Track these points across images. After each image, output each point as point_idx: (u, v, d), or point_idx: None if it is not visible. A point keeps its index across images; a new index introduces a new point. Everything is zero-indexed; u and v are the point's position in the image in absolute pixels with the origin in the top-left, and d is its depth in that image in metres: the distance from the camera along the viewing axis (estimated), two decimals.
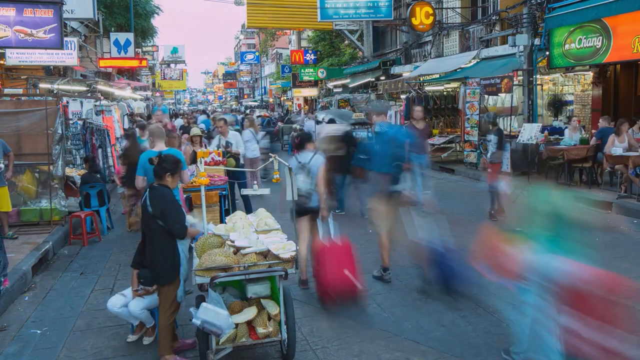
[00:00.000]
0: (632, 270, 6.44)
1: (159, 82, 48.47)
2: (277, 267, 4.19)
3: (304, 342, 4.75)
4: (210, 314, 3.91)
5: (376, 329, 5.00)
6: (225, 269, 4.10)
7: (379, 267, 6.33)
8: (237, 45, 75.38)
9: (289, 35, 46.80)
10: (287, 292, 4.36)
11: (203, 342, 4.10)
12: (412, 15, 17.83)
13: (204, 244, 4.49)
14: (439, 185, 13.12)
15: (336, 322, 5.19)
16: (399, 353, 4.54)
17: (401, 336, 4.85)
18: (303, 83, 33.19)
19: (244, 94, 68.99)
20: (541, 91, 15.06)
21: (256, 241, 4.41)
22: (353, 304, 5.36)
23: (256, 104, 49.35)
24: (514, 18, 14.08)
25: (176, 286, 4.33)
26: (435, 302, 5.60)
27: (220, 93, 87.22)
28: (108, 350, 4.75)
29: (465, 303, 5.52)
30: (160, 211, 4.22)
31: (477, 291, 5.57)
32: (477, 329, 4.95)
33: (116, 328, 5.13)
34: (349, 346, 4.68)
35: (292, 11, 25.15)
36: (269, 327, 4.17)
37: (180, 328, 4.97)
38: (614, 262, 6.73)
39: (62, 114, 9.05)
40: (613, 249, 7.37)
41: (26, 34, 9.99)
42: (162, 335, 4.37)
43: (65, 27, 15.29)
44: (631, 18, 10.68)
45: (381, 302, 5.65)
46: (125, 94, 21.04)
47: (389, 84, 19.93)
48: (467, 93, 14.58)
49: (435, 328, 5.00)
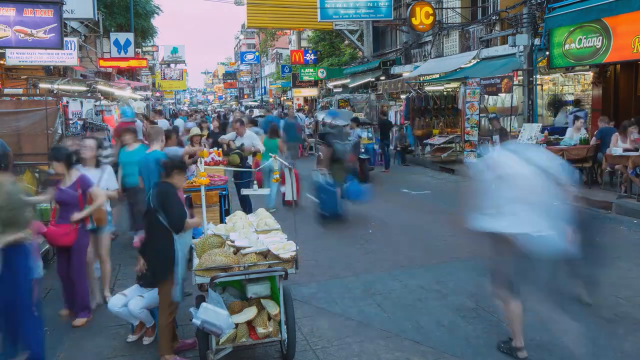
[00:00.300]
0: (632, 270, 6.45)
1: (159, 82, 48.45)
2: (277, 267, 4.19)
3: (304, 342, 4.75)
4: (210, 314, 3.91)
5: (376, 329, 5.00)
6: (225, 269, 4.10)
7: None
8: (237, 45, 75.37)
9: (289, 35, 46.78)
10: (287, 292, 4.36)
11: (203, 342, 4.11)
12: (412, 15, 17.82)
13: (204, 244, 4.49)
14: (439, 185, 13.13)
15: (336, 322, 5.20)
16: (399, 353, 4.54)
17: (401, 336, 4.85)
18: (303, 83, 33.18)
19: (244, 94, 68.96)
20: (541, 91, 15.06)
21: (256, 241, 4.41)
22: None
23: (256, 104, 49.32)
24: (514, 18, 14.08)
25: (171, 285, 4.34)
26: (436, 302, 5.61)
27: (220, 93, 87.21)
28: (108, 350, 4.76)
29: (465, 303, 5.53)
30: (161, 203, 4.25)
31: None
32: (477, 329, 4.95)
33: (116, 328, 5.13)
34: (349, 346, 4.68)
35: (292, 11, 25.13)
36: (269, 327, 4.17)
37: (180, 328, 4.97)
38: (614, 262, 6.73)
39: (62, 114, 9.05)
40: (613, 249, 7.37)
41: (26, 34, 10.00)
42: (161, 335, 4.39)
43: (65, 27, 15.28)
44: (631, 18, 10.68)
45: (381, 302, 5.65)
46: (125, 94, 21.03)
47: (389, 84, 19.92)
48: (467, 93, 14.57)
49: (435, 328, 5.00)
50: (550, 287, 4.40)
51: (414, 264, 6.86)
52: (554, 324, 4.27)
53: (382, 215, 9.69)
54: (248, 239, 4.41)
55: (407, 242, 7.91)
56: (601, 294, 5.39)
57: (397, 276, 6.41)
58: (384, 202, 10.66)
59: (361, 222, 9.18)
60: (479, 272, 6.41)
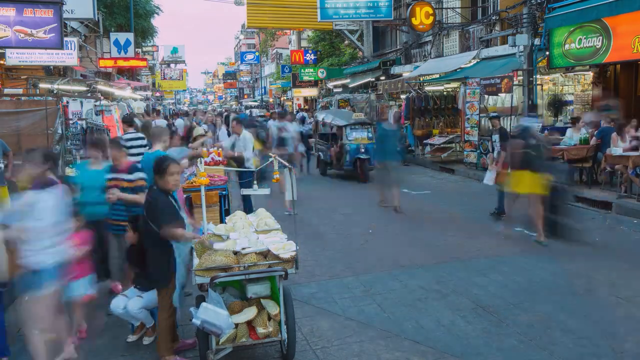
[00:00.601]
0: (632, 270, 6.45)
1: (159, 82, 48.47)
2: (277, 267, 4.19)
3: (304, 342, 4.75)
4: (210, 314, 3.91)
5: (376, 329, 5.00)
6: (225, 269, 4.10)
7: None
8: (237, 45, 75.37)
9: (289, 35, 46.80)
10: (287, 292, 4.36)
11: (203, 342, 4.10)
12: (412, 15, 17.83)
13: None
14: (439, 185, 13.13)
15: (336, 322, 5.20)
16: (399, 353, 4.54)
17: (401, 336, 4.85)
18: (303, 83, 33.19)
19: (244, 94, 68.98)
20: (541, 91, 15.05)
21: (256, 241, 4.41)
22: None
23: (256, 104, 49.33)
24: (514, 18, 14.08)
25: (172, 290, 4.33)
26: (436, 302, 5.61)
27: (220, 93, 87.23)
28: (108, 350, 4.75)
29: (465, 303, 5.53)
30: (149, 212, 4.22)
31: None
32: (477, 329, 4.95)
33: (116, 328, 5.13)
34: (349, 346, 4.68)
35: (292, 11, 25.14)
36: (269, 327, 4.17)
37: (180, 328, 4.97)
38: (614, 262, 6.74)
39: (62, 114, 9.06)
40: (613, 249, 7.38)
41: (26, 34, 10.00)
42: (161, 336, 4.38)
43: (65, 27, 15.29)
44: (631, 18, 10.68)
45: (381, 302, 5.65)
46: (125, 94, 21.03)
47: (389, 84, 19.93)
48: (467, 93, 14.58)
49: (435, 328, 5.00)
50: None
51: (414, 264, 6.86)
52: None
53: (382, 215, 9.69)
54: (248, 239, 4.41)
55: (407, 242, 7.91)
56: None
57: (397, 276, 6.41)
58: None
59: (361, 222, 9.18)
60: (479, 272, 6.43)
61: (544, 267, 6.56)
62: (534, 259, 6.89)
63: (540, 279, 6.19)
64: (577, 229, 7.57)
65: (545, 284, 6.03)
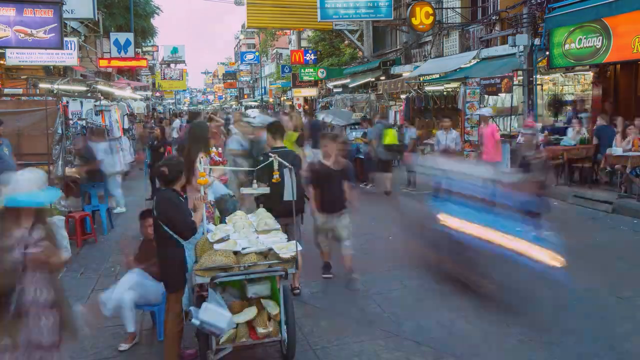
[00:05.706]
0: (632, 270, 6.45)
1: (159, 82, 48.46)
2: (277, 267, 4.18)
3: (304, 342, 4.74)
4: (210, 314, 3.90)
5: (376, 329, 5.00)
6: (225, 269, 4.09)
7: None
8: (237, 45, 75.35)
9: (289, 35, 46.76)
10: (287, 292, 4.35)
11: (203, 342, 4.10)
12: (412, 15, 17.81)
13: (204, 244, 4.48)
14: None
15: (336, 322, 5.19)
16: (399, 353, 4.53)
17: (401, 336, 4.85)
18: (303, 83, 33.14)
19: (244, 94, 68.95)
20: (541, 91, 15.05)
21: (256, 241, 4.41)
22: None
23: (256, 104, 49.33)
24: (514, 18, 14.07)
25: (181, 293, 4.27)
26: (436, 302, 5.60)
27: (220, 93, 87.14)
28: (108, 350, 4.75)
29: (465, 303, 5.53)
30: (163, 212, 4.15)
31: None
32: (477, 329, 4.94)
33: (116, 328, 5.12)
34: (349, 346, 4.68)
35: (292, 11, 25.12)
36: (269, 327, 4.17)
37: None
38: (614, 262, 6.74)
39: (62, 114, 9.06)
40: (613, 249, 7.38)
41: (26, 34, 10.01)
42: (168, 342, 4.28)
43: (65, 27, 15.27)
44: (631, 18, 10.67)
45: (381, 302, 5.64)
46: (125, 94, 21.04)
47: (389, 84, 19.92)
48: (467, 93, 14.56)
49: (435, 328, 5.00)
50: None
51: (414, 264, 6.85)
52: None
53: (382, 215, 9.69)
54: (248, 239, 4.41)
55: (408, 242, 7.89)
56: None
57: (397, 276, 6.40)
58: (385, 202, 10.65)
59: (361, 222, 9.16)
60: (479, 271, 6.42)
61: (544, 267, 6.54)
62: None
63: (540, 278, 6.17)
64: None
65: (545, 283, 6.02)
